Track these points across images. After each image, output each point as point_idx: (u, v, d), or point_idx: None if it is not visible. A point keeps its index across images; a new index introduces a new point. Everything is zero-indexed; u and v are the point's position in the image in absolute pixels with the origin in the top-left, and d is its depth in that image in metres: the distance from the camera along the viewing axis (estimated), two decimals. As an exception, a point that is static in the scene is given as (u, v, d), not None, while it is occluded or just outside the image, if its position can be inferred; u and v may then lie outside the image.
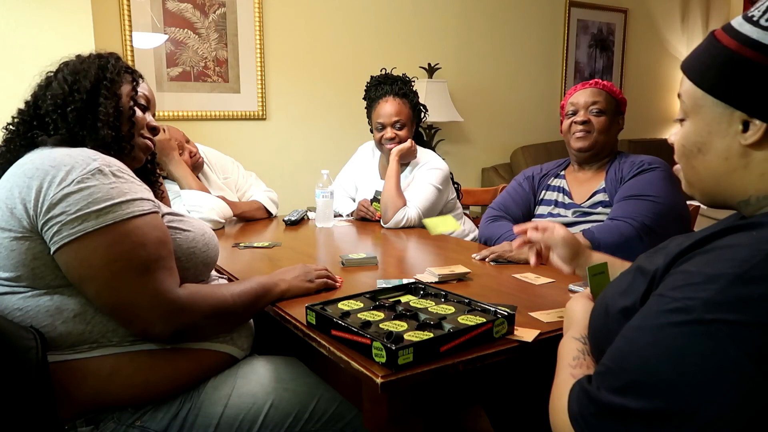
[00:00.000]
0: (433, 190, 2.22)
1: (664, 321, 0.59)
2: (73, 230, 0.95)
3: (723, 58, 0.67)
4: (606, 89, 1.80)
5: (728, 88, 0.66)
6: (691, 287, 0.59)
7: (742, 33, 0.65)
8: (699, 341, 0.56)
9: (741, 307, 0.55)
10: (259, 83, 3.26)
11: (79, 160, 0.99)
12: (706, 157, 0.71)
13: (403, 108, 2.28)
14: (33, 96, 1.14)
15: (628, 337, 0.63)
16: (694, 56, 0.72)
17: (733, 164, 0.68)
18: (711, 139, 0.69)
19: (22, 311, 1.00)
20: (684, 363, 0.56)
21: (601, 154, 1.81)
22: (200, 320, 1.05)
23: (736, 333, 0.55)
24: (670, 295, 0.61)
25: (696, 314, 0.57)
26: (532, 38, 4.32)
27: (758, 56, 0.63)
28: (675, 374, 0.56)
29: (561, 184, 1.88)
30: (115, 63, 1.17)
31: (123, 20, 2.85)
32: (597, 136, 1.77)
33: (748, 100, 0.65)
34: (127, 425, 1.04)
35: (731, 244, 0.61)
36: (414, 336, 0.96)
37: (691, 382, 0.56)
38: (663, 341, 0.58)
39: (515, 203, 1.91)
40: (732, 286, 0.56)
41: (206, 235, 1.20)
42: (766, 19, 0.64)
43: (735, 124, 0.67)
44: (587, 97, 1.79)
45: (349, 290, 1.31)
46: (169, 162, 2.07)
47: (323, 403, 1.15)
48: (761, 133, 0.65)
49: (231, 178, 2.39)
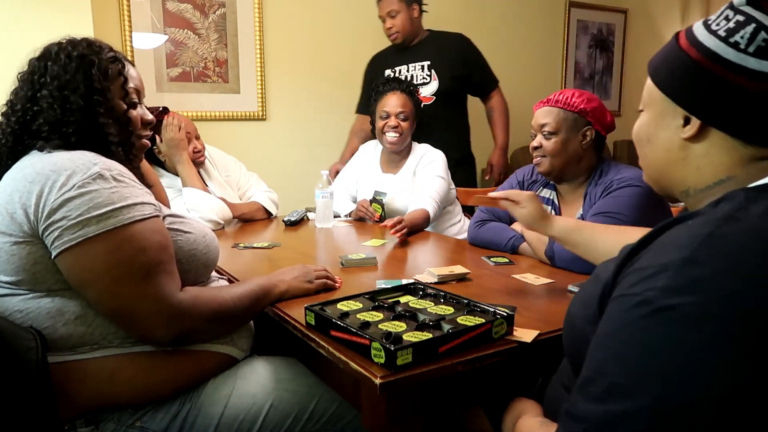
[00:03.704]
0: (441, 181, 2.32)
1: (630, 318, 0.61)
2: (74, 235, 0.95)
3: (673, 56, 0.74)
4: (559, 104, 1.67)
5: (673, 85, 0.73)
6: (647, 280, 0.61)
7: (695, 35, 0.72)
8: (665, 329, 0.58)
9: (695, 287, 0.58)
10: (259, 83, 3.26)
11: (79, 165, 0.99)
12: (653, 147, 0.78)
13: (408, 103, 2.37)
14: (20, 105, 1.08)
15: (599, 344, 0.64)
16: (657, 54, 0.79)
17: (674, 156, 0.75)
18: (657, 131, 0.77)
19: (23, 313, 1.00)
20: (658, 353, 0.58)
21: (567, 174, 1.72)
22: (201, 324, 1.06)
23: (697, 313, 0.57)
24: (629, 293, 0.62)
25: (657, 303, 0.58)
26: (532, 38, 4.32)
27: (702, 59, 0.70)
28: (653, 367, 0.58)
29: (551, 197, 1.82)
30: (98, 62, 1.10)
31: (123, 20, 2.85)
32: (551, 160, 1.69)
33: (688, 98, 0.71)
34: (127, 426, 1.04)
35: (673, 236, 0.64)
36: (413, 336, 0.96)
37: (669, 372, 0.57)
38: (634, 337, 0.60)
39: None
40: (682, 270, 0.59)
41: (207, 237, 1.20)
42: (716, 24, 0.70)
43: (677, 118, 0.73)
44: (539, 119, 1.70)
45: (348, 291, 1.31)
46: (178, 160, 2.12)
47: (323, 403, 1.15)
48: (696, 129, 0.71)
49: (233, 176, 2.40)
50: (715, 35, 0.70)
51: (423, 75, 2.91)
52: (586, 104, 1.66)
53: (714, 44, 0.69)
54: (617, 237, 1.18)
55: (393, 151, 2.40)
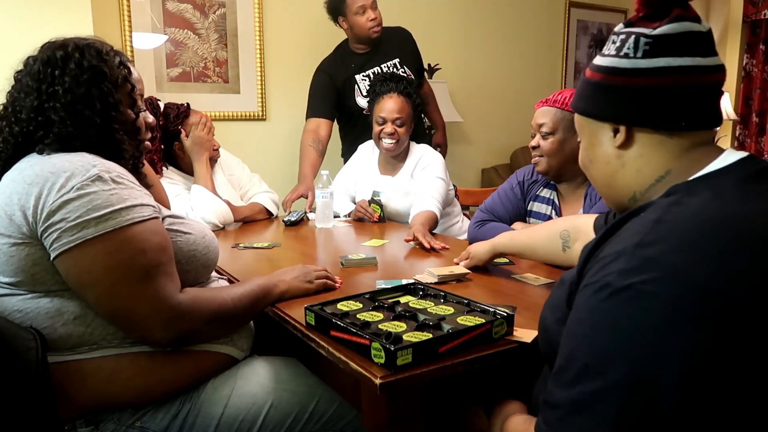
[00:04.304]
0: (441, 183, 2.31)
1: (593, 303, 0.66)
2: (73, 237, 0.95)
3: (584, 86, 0.84)
4: (557, 105, 1.68)
5: (591, 108, 0.83)
6: (605, 267, 0.67)
7: (594, 64, 0.83)
8: (625, 307, 0.63)
9: (647, 266, 0.63)
10: (259, 83, 3.26)
11: (78, 167, 0.99)
12: (596, 165, 0.85)
13: (405, 106, 2.33)
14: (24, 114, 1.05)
15: (568, 333, 0.69)
16: (575, 92, 0.88)
17: (614, 166, 0.82)
18: (594, 150, 0.84)
19: (22, 313, 1.00)
20: (622, 331, 0.62)
21: (565, 173, 1.73)
22: (201, 326, 1.05)
23: (651, 289, 0.62)
24: (591, 281, 0.68)
25: (615, 285, 0.64)
26: (532, 38, 4.32)
27: (603, 77, 0.80)
28: (618, 344, 0.62)
29: (552, 197, 1.82)
30: (109, 73, 1.09)
31: (123, 21, 2.85)
32: (548, 160, 1.70)
33: (607, 112, 0.80)
34: (127, 426, 1.04)
35: (628, 226, 0.71)
36: (413, 337, 0.96)
37: (632, 347, 0.61)
38: (598, 320, 0.65)
39: (504, 208, 1.88)
40: (635, 253, 0.65)
41: (207, 238, 1.20)
42: (607, 50, 0.81)
43: (607, 132, 0.81)
44: (537, 119, 1.71)
45: (348, 291, 1.31)
46: (198, 158, 2.16)
47: (323, 403, 1.15)
48: (624, 134, 0.79)
49: (235, 175, 2.42)
50: (608, 56, 0.80)
51: (399, 72, 2.83)
52: None
53: (609, 62, 0.79)
54: (546, 229, 1.34)
55: (390, 155, 2.40)
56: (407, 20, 3.11)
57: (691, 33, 0.75)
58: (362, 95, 2.77)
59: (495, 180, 3.98)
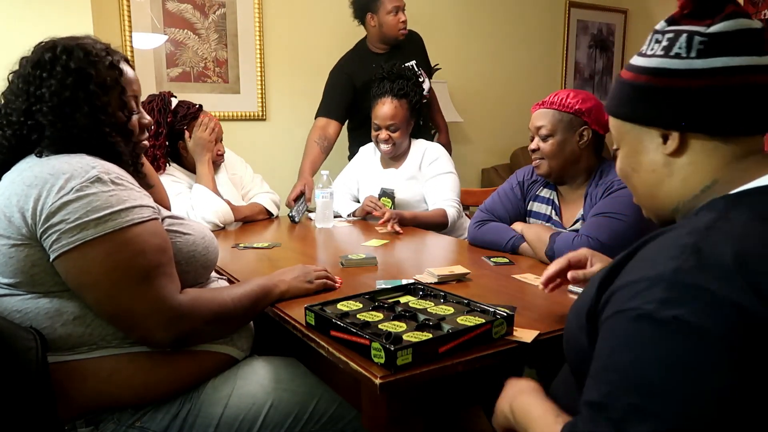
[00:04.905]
0: (453, 177, 2.36)
1: (632, 332, 0.61)
2: (72, 239, 0.95)
3: (627, 89, 0.78)
4: (554, 106, 1.66)
5: (636, 111, 0.77)
6: (643, 293, 0.62)
7: (635, 65, 0.78)
8: (672, 341, 0.58)
9: (690, 296, 0.59)
10: (259, 84, 3.25)
11: (77, 168, 0.99)
12: (639, 174, 0.81)
13: (399, 111, 2.33)
14: (15, 117, 1.05)
15: (606, 365, 0.63)
16: (610, 97, 0.83)
17: (660, 174, 0.78)
18: (639, 158, 0.80)
19: (21, 313, 1.00)
20: (669, 368, 0.58)
21: (566, 175, 1.72)
22: (201, 326, 1.06)
23: (698, 322, 0.57)
24: (626, 308, 0.63)
25: (659, 315, 0.59)
26: (532, 38, 4.31)
27: (650, 79, 0.75)
28: (667, 383, 0.57)
29: (551, 197, 1.81)
30: (96, 74, 1.07)
31: (123, 21, 2.85)
32: (549, 162, 1.69)
33: (657, 117, 0.75)
34: (127, 426, 1.04)
35: (660, 247, 0.66)
36: (413, 337, 0.97)
37: (685, 385, 0.57)
38: (641, 354, 0.60)
39: (504, 208, 1.87)
40: (675, 280, 0.60)
41: (206, 239, 1.20)
42: (650, 50, 0.76)
43: (655, 139, 0.76)
44: (535, 121, 1.70)
45: (348, 291, 1.31)
46: (200, 159, 2.17)
47: (323, 403, 1.15)
48: (677, 141, 0.74)
49: (238, 174, 2.43)
50: (653, 56, 0.75)
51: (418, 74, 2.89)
52: (581, 104, 1.66)
53: (657, 62, 0.74)
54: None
55: (389, 157, 2.45)
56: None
57: (746, 30, 0.71)
58: None
59: (495, 180, 3.98)
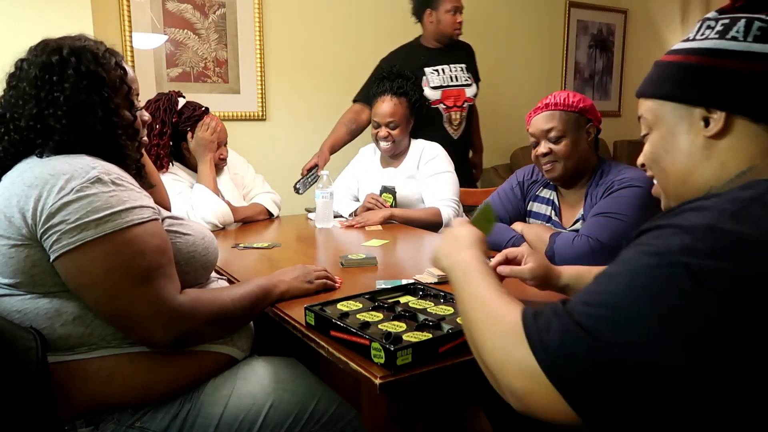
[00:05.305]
0: (450, 176, 2.38)
1: (640, 263, 0.62)
2: (73, 239, 0.95)
3: (673, 69, 0.78)
4: (559, 107, 1.67)
5: (682, 90, 0.77)
6: (668, 237, 0.62)
7: (683, 48, 0.78)
8: (673, 284, 0.59)
9: (717, 254, 0.58)
10: (259, 84, 3.25)
11: (78, 169, 0.98)
12: (673, 157, 0.79)
13: (398, 108, 2.37)
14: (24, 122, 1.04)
15: (609, 274, 0.65)
16: (646, 81, 0.83)
17: (696, 159, 0.76)
18: (675, 139, 0.78)
19: (21, 313, 1.00)
20: (659, 305, 0.59)
21: (576, 174, 1.72)
22: (201, 327, 1.06)
23: (713, 279, 0.57)
24: (647, 242, 0.64)
25: (674, 259, 0.59)
26: (532, 38, 4.32)
27: (702, 59, 0.75)
28: (651, 318, 0.59)
29: (551, 197, 1.82)
30: (108, 77, 1.08)
31: (123, 21, 2.85)
32: (564, 163, 1.67)
33: (706, 96, 0.74)
34: (127, 426, 1.04)
35: (698, 206, 0.65)
36: (413, 337, 0.97)
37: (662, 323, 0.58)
38: (646, 284, 0.60)
39: (504, 208, 1.88)
40: (706, 235, 0.60)
41: (206, 239, 1.20)
42: (701, 34, 0.77)
43: (696, 121, 0.76)
44: (541, 125, 1.68)
45: (348, 291, 1.31)
46: (201, 159, 2.18)
47: (322, 403, 1.16)
48: (722, 122, 0.73)
49: (239, 174, 2.43)
50: (707, 39, 0.75)
51: (465, 76, 3.00)
52: (583, 102, 1.69)
53: (711, 44, 0.74)
54: None
55: (388, 155, 2.47)
56: (408, 20, 3.11)
57: None
58: (430, 87, 2.89)
59: (495, 180, 3.98)
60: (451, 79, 2.95)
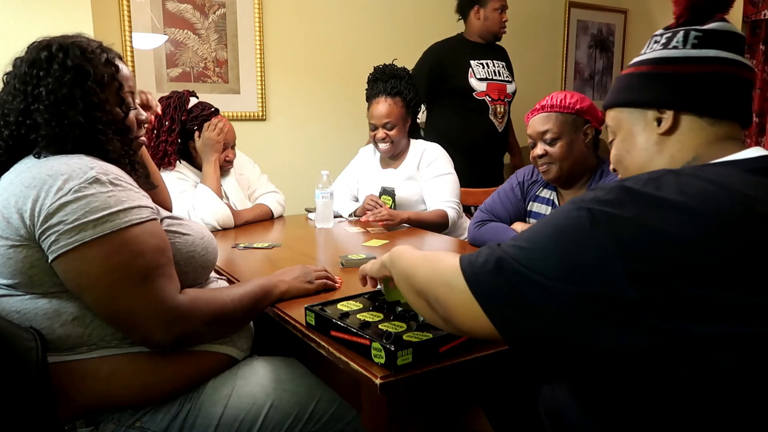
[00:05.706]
0: (452, 178, 2.37)
1: (562, 210, 0.71)
2: (71, 240, 0.94)
3: (628, 79, 0.89)
4: (555, 109, 1.67)
5: (637, 97, 0.87)
6: (589, 192, 0.71)
7: (636, 61, 0.89)
8: (573, 222, 0.67)
9: (614, 204, 0.66)
10: (259, 84, 3.25)
11: (76, 169, 0.98)
12: (633, 155, 0.88)
13: (393, 109, 2.35)
14: (13, 117, 1.04)
15: (543, 220, 0.75)
16: (609, 93, 0.93)
17: (651, 153, 0.86)
18: (634, 140, 0.88)
19: (20, 314, 1.00)
20: (558, 238, 0.68)
21: (573, 175, 1.73)
22: (201, 327, 1.05)
23: (602, 220, 0.65)
24: (579, 199, 0.72)
25: (583, 203, 0.68)
26: (532, 38, 4.31)
27: (652, 67, 0.85)
28: (553, 249, 0.67)
29: (551, 197, 1.82)
30: (94, 72, 1.07)
31: (123, 21, 2.85)
32: (560, 164, 1.69)
33: (655, 99, 0.84)
34: (127, 426, 1.04)
35: (626, 178, 0.73)
36: (413, 337, 0.96)
37: (558, 255, 0.67)
38: (553, 221, 0.71)
39: (504, 208, 1.88)
40: (615, 190, 0.68)
41: (205, 239, 1.20)
42: (649, 48, 0.88)
43: (650, 122, 0.85)
44: (538, 126, 1.69)
45: (348, 291, 1.31)
46: (207, 159, 2.18)
47: (323, 403, 1.15)
48: (671, 120, 0.83)
49: (245, 174, 2.43)
50: (655, 51, 0.86)
51: (506, 73, 3.07)
52: (581, 103, 1.68)
53: (657, 54, 0.85)
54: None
55: (388, 156, 2.45)
56: (407, 19, 3.12)
57: (734, 33, 0.83)
58: (476, 78, 2.96)
59: (495, 180, 3.99)
60: (494, 73, 3.02)
